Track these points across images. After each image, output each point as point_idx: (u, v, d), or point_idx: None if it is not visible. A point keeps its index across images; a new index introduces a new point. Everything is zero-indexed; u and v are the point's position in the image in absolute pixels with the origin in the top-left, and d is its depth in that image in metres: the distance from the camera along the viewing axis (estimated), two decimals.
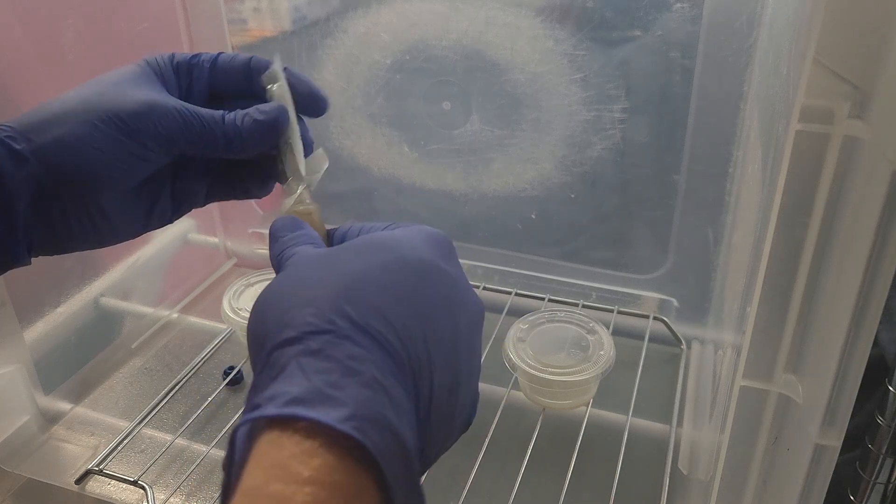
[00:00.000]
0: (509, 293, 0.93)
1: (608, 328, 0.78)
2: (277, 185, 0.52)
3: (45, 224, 0.45)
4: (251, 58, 0.49)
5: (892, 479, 0.47)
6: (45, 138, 0.43)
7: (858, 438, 0.47)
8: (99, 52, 0.80)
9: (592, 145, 0.83)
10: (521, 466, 0.67)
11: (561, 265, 0.93)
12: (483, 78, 0.83)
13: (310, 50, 0.88)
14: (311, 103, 0.50)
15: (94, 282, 0.86)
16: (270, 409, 0.30)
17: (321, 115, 0.50)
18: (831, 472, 0.44)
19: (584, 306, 0.91)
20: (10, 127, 0.44)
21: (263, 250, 1.04)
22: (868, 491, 0.48)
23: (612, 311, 0.90)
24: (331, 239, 0.46)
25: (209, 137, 0.46)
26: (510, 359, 0.73)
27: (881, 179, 0.36)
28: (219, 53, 0.50)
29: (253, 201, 1.01)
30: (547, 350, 0.73)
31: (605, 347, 0.74)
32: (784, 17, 0.53)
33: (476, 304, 0.40)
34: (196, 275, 1.02)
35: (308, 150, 0.50)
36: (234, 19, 0.92)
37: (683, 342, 0.88)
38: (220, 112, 0.47)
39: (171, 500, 0.69)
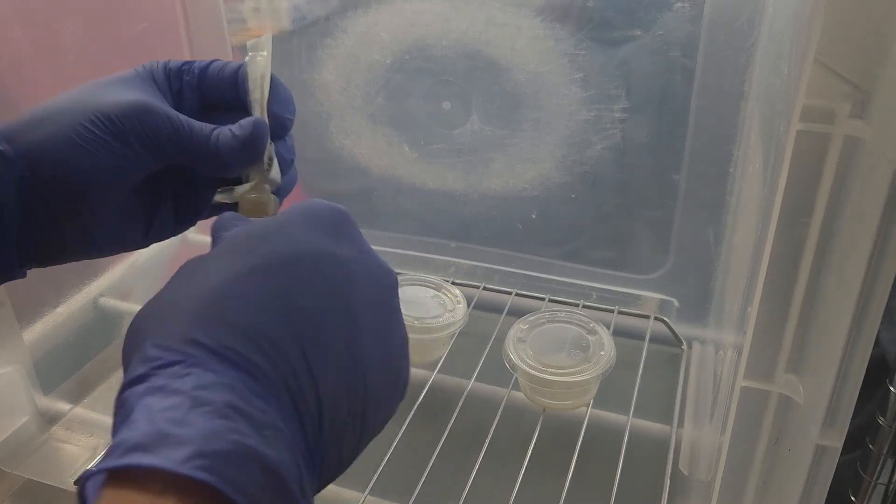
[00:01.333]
0: (509, 293, 0.93)
1: (608, 328, 0.78)
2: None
3: (36, 231, 0.43)
4: (240, 66, 0.48)
5: (893, 479, 0.47)
6: (30, 139, 0.42)
7: (859, 439, 0.47)
8: (99, 52, 0.80)
9: (593, 145, 0.83)
10: (521, 467, 0.67)
11: (561, 265, 0.93)
12: (483, 78, 0.83)
13: (309, 49, 0.88)
14: (274, 127, 0.47)
15: (93, 282, 0.86)
16: (109, 461, 0.27)
17: (281, 138, 0.48)
18: (832, 473, 0.44)
19: (584, 306, 0.91)
20: None
21: None
22: (869, 492, 0.48)
23: (612, 311, 0.90)
24: None
25: (197, 149, 0.44)
26: (510, 359, 0.73)
27: (882, 179, 0.36)
28: (212, 61, 0.49)
29: None
30: (547, 350, 0.73)
31: (606, 348, 0.74)
32: (785, 16, 0.53)
33: (380, 276, 0.36)
34: None
35: (286, 167, 0.47)
36: (233, 19, 0.92)
37: (684, 342, 0.88)
38: (211, 126, 0.45)
39: None
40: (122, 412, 0.29)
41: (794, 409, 0.45)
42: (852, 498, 0.48)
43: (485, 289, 0.95)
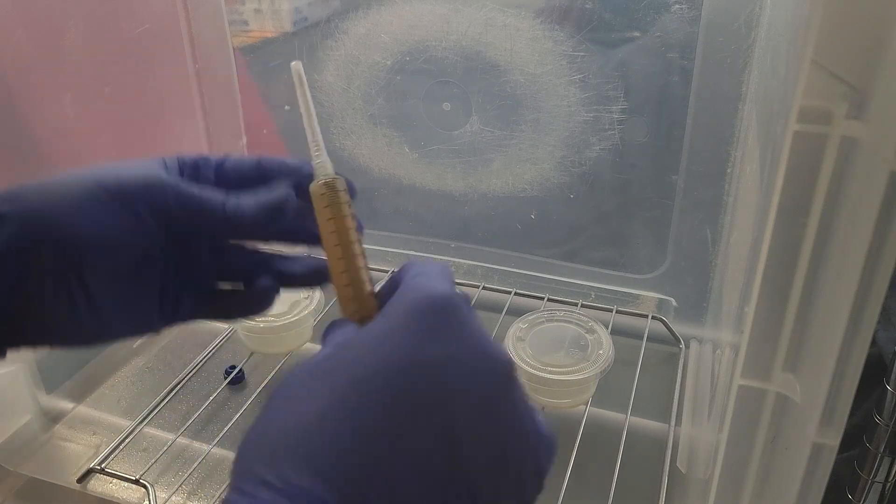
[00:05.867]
0: (509, 293, 0.94)
1: (607, 327, 0.79)
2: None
3: (21, 303, 0.39)
4: (260, 159, 0.46)
5: (890, 478, 0.47)
6: (32, 201, 0.39)
7: (857, 437, 0.47)
8: (101, 53, 0.81)
9: (591, 146, 0.83)
10: None
11: (560, 265, 0.93)
12: (483, 79, 0.84)
13: (310, 51, 0.88)
14: None
15: None
16: None
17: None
18: (829, 471, 0.44)
19: (583, 306, 0.91)
20: None
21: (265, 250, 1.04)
22: (866, 490, 0.48)
23: (610, 310, 0.90)
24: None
25: (209, 216, 0.42)
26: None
27: (879, 180, 0.37)
28: (225, 156, 0.46)
29: None
30: (546, 349, 0.74)
31: (604, 347, 0.74)
32: (782, 18, 0.53)
33: (485, 369, 0.32)
34: None
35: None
36: (235, 20, 0.93)
37: (682, 341, 0.88)
38: (223, 192, 0.43)
39: (173, 498, 0.69)
40: None
41: (791, 408, 0.46)
42: (849, 496, 0.49)
43: (484, 288, 0.95)
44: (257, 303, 0.46)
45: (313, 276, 0.47)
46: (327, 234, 0.42)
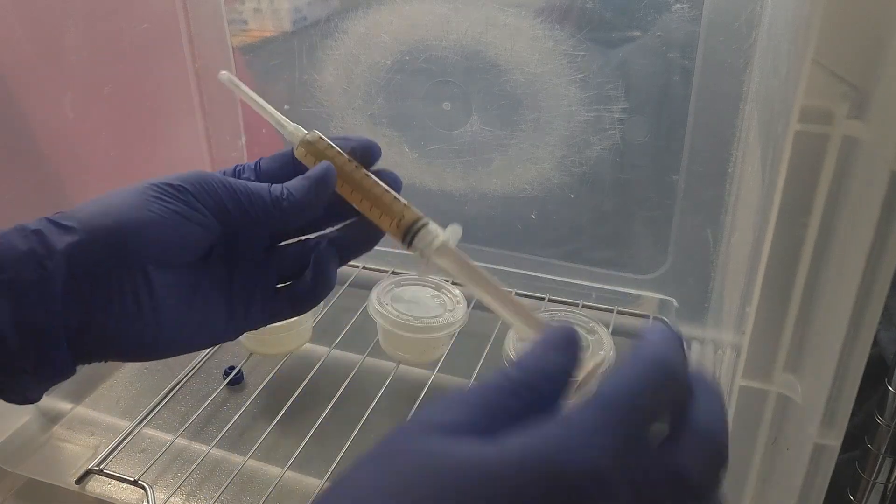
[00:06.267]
0: (509, 293, 0.94)
1: (608, 328, 0.78)
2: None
3: (90, 314, 0.39)
4: (292, 149, 0.48)
5: (892, 478, 0.47)
6: (92, 212, 0.40)
7: (858, 438, 0.47)
8: (100, 53, 0.81)
9: (592, 146, 0.83)
10: None
11: (561, 265, 0.93)
12: (483, 78, 0.84)
13: (310, 50, 0.88)
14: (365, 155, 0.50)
15: None
16: None
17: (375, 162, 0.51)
18: (831, 472, 0.44)
19: (583, 306, 0.91)
20: (60, 212, 0.41)
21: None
22: (867, 490, 0.48)
23: (611, 311, 0.90)
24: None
25: (258, 201, 0.44)
26: (510, 358, 0.73)
27: (880, 179, 0.37)
28: (259, 159, 0.49)
29: None
30: None
31: (605, 347, 0.74)
32: (783, 18, 0.53)
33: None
34: None
35: (397, 186, 0.50)
36: (234, 20, 0.92)
37: (683, 342, 0.88)
38: (268, 183, 0.46)
39: (172, 499, 0.69)
40: None
41: (792, 409, 0.46)
42: (851, 496, 0.49)
43: None
44: (321, 282, 0.47)
45: (366, 236, 0.50)
46: None
